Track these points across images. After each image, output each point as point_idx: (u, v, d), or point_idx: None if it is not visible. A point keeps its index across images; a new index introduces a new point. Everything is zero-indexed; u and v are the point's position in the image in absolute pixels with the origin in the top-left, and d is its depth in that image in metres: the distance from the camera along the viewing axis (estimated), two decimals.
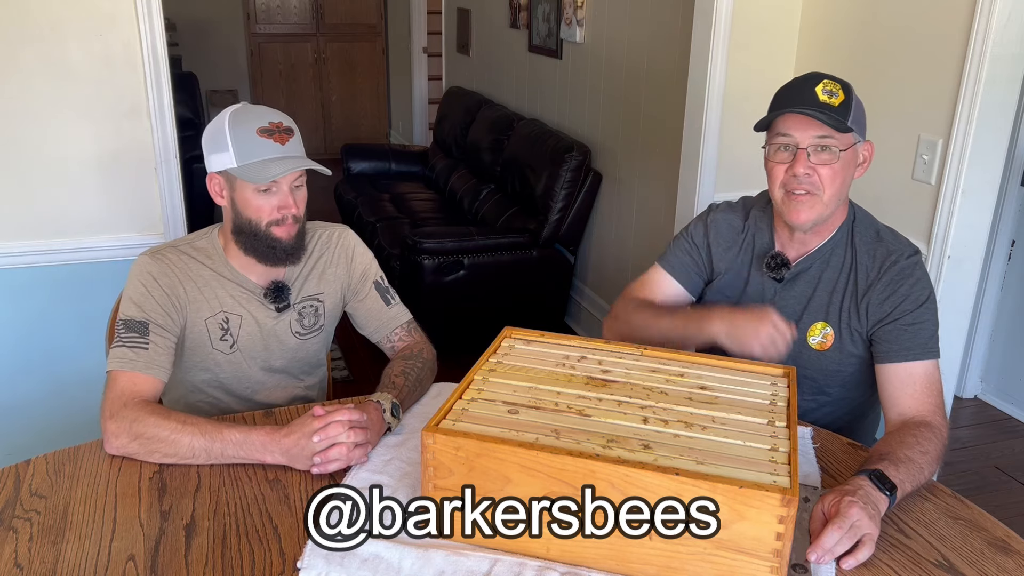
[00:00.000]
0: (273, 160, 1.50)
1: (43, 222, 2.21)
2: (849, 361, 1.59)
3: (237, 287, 1.62)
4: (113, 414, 1.40)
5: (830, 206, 1.52)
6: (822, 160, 1.48)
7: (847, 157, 1.49)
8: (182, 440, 1.36)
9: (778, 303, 1.62)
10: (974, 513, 1.32)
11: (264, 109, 1.55)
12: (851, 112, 1.47)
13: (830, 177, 1.49)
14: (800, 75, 1.55)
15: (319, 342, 1.74)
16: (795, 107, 1.48)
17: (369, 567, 1.14)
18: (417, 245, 3.49)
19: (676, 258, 1.73)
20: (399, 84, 7.24)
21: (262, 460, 1.37)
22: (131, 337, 1.49)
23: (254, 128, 1.50)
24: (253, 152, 1.50)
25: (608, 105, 3.63)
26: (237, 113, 1.53)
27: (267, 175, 1.49)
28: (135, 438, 1.38)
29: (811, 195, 1.50)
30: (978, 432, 3.31)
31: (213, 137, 1.53)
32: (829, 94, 1.47)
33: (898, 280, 1.52)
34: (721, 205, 1.75)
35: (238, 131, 1.50)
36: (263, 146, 1.50)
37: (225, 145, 1.50)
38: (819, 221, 1.54)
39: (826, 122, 1.45)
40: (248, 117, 1.52)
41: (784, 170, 1.51)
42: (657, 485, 1.08)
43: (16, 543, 1.19)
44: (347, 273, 1.72)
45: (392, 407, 1.48)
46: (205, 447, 1.37)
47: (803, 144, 1.48)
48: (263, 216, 1.54)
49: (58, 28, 2.09)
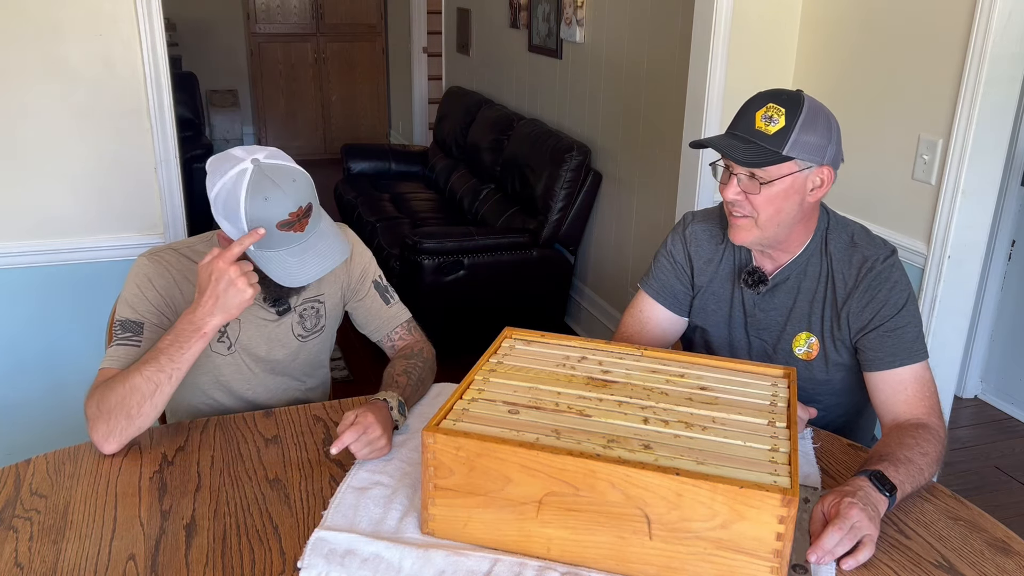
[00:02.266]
0: (295, 255, 1.43)
1: (43, 222, 2.21)
2: (836, 370, 1.59)
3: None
4: (86, 411, 1.43)
5: (767, 229, 1.49)
6: (748, 188, 1.46)
7: (781, 187, 1.44)
8: (135, 380, 1.38)
9: (760, 315, 1.61)
10: (974, 514, 1.32)
11: (284, 185, 1.39)
12: (789, 138, 1.40)
13: (762, 203, 1.46)
14: (756, 94, 1.48)
15: (321, 343, 1.74)
16: (729, 133, 1.45)
17: (369, 567, 1.14)
18: (417, 245, 3.49)
19: (659, 282, 1.70)
20: (399, 84, 7.24)
21: (205, 333, 1.39)
22: (127, 337, 1.50)
23: (274, 223, 1.39)
24: (271, 245, 1.42)
25: (608, 105, 3.63)
26: (255, 194, 1.38)
27: (292, 280, 1.43)
28: (105, 416, 1.39)
29: (747, 218, 1.49)
30: (978, 432, 3.32)
31: (225, 207, 1.41)
32: (767, 120, 1.42)
33: (876, 286, 1.50)
34: (697, 215, 1.72)
35: (256, 222, 1.39)
36: (282, 239, 1.41)
37: (240, 226, 1.40)
38: (761, 243, 1.53)
39: (737, 160, 1.42)
40: (267, 206, 1.38)
41: (722, 191, 1.50)
42: (657, 485, 1.08)
43: (16, 542, 1.19)
44: (347, 273, 1.72)
45: (399, 405, 1.49)
46: (156, 370, 1.38)
47: (735, 170, 1.46)
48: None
49: (58, 28, 2.09)
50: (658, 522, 1.10)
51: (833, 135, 1.46)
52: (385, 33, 7.40)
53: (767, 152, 1.41)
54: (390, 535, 1.21)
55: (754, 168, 1.43)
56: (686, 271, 1.69)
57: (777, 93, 1.45)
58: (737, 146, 1.43)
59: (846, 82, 2.41)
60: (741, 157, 1.42)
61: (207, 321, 1.39)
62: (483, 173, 4.44)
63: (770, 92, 1.46)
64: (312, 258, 1.44)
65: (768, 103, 1.43)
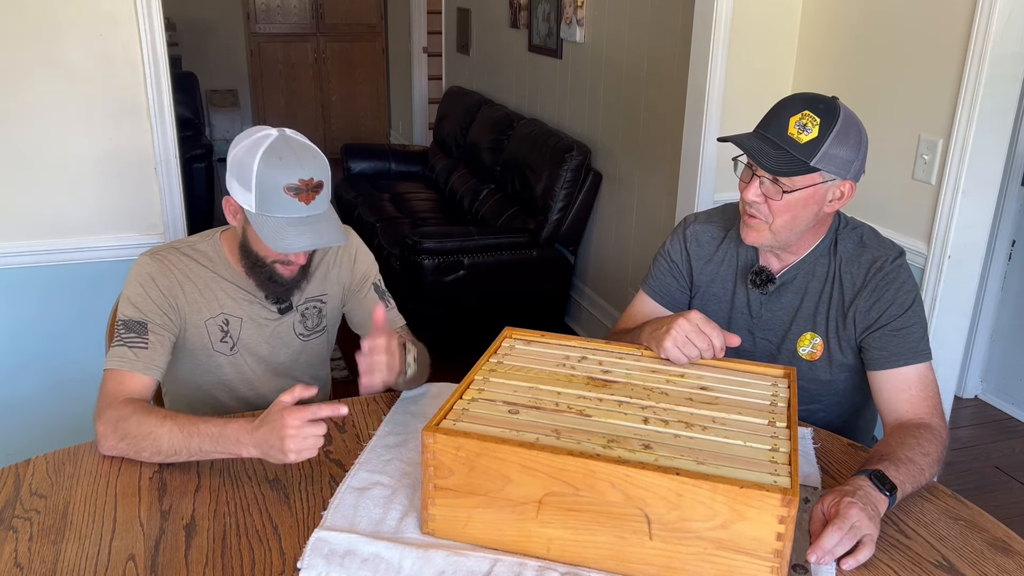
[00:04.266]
0: (292, 224, 1.44)
1: (43, 222, 2.21)
2: (840, 370, 1.59)
3: (238, 289, 1.61)
4: (100, 415, 1.41)
5: (779, 235, 1.49)
6: (769, 192, 1.45)
7: (801, 196, 1.44)
8: (161, 436, 1.35)
9: (765, 315, 1.61)
10: (974, 513, 1.32)
11: (302, 155, 1.43)
12: (820, 150, 1.39)
13: (779, 209, 1.46)
14: (800, 94, 1.48)
15: (322, 343, 1.74)
16: (754, 133, 1.44)
17: (369, 567, 1.14)
18: (417, 245, 3.49)
19: (658, 281, 1.72)
20: (399, 84, 7.24)
21: (238, 454, 1.33)
22: (130, 337, 1.49)
23: (282, 184, 1.41)
24: (274, 207, 1.42)
25: (608, 105, 3.63)
26: (271, 153, 1.41)
27: (282, 245, 1.43)
28: (122, 438, 1.38)
29: (760, 220, 1.49)
30: (978, 432, 3.32)
31: (240, 166, 1.44)
32: (801, 128, 1.40)
33: (883, 286, 1.50)
34: (699, 216, 1.72)
35: (265, 179, 1.41)
36: (286, 204, 1.42)
37: (248, 183, 1.43)
38: (771, 245, 1.53)
39: (765, 167, 1.41)
40: (280, 166, 1.41)
41: (742, 189, 1.50)
42: (658, 485, 1.08)
43: (16, 543, 1.19)
44: (349, 274, 1.72)
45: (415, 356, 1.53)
46: (184, 443, 1.34)
47: (759, 171, 1.45)
48: (270, 256, 1.52)
49: (58, 28, 2.09)
50: (658, 522, 1.10)
51: (862, 150, 1.45)
52: (385, 33, 7.40)
53: (795, 161, 1.40)
54: (390, 535, 1.20)
55: (780, 176, 1.42)
56: (683, 270, 1.69)
57: (814, 100, 1.43)
58: (767, 151, 1.42)
59: (846, 82, 2.41)
60: (769, 164, 1.41)
61: (247, 448, 1.32)
62: (483, 173, 4.44)
63: (807, 97, 1.44)
64: (309, 232, 1.44)
65: (804, 109, 1.41)
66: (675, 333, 1.43)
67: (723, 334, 1.44)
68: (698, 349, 1.43)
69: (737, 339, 1.46)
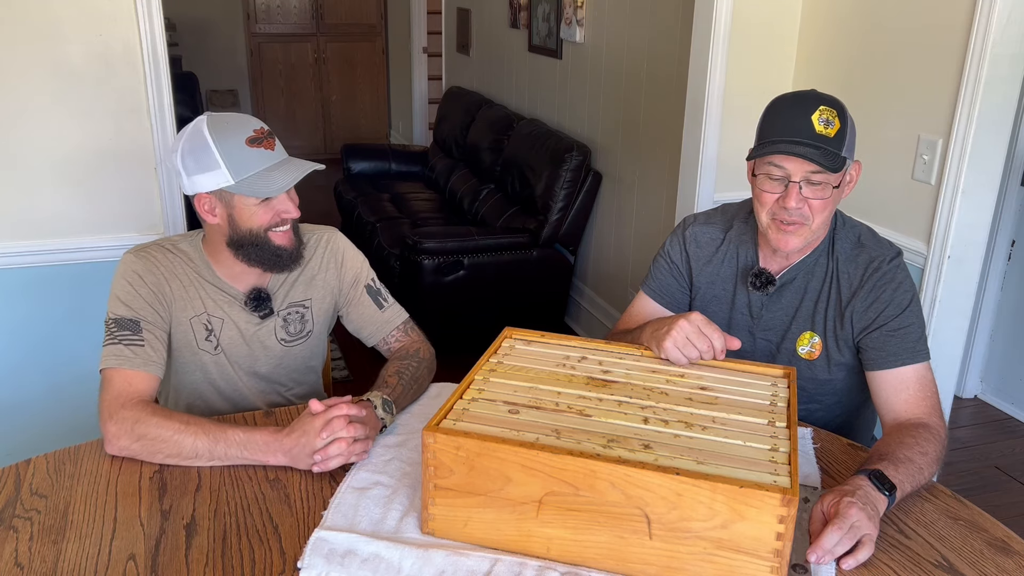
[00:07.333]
0: (271, 169, 1.49)
1: (43, 222, 2.21)
2: (838, 369, 1.59)
3: (219, 292, 1.61)
4: (112, 415, 1.40)
5: (818, 232, 1.52)
6: (814, 193, 1.46)
7: (843, 188, 1.49)
8: (185, 441, 1.36)
9: (765, 316, 1.62)
10: (974, 513, 1.32)
11: (237, 116, 1.51)
12: (846, 141, 1.44)
13: (820, 207, 1.47)
14: (794, 94, 1.49)
15: (307, 349, 1.71)
16: (790, 140, 1.43)
17: (369, 567, 1.14)
18: (417, 245, 3.49)
19: (658, 282, 1.72)
20: (399, 84, 7.24)
21: (264, 461, 1.37)
22: (124, 335, 1.48)
23: (242, 140, 1.46)
24: (248, 165, 1.46)
25: (608, 105, 3.63)
26: (214, 125, 1.47)
27: (273, 187, 1.47)
28: (137, 439, 1.38)
29: (802, 225, 1.49)
30: (978, 432, 3.32)
31: (196, 156, 1.47)
32: (826, 123, 1.42)
33: (881, 286, 1.51)
34: (698, 217, 1.72)
35: (226, 145, 1.45)
36: (257, 157, 1.47)
37: (214, 163, 1.46)
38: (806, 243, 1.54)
39: (822, 164, 1.41)
40: (229, 128, 1.47)
41: (774, 200, 1.49)
42: (657, 485, 1.08)
43: (16, 542, 1.19)
44: (338, 279, 1.70)
45: (383, 403, 1.46)
46: (208, 448, 1.36)
47: (795, 177, 1.45)
48: (263, 224, 1.52)
49: (58, 28, 2.09)
50: (658, 522, 1.10)
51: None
52: (385, 33, 7.40)
53: (836, 156, 1.43)
54: (390, 535, 1.21)
55: (833, 173, 1.43)
56: (683, 271, 1.70)
57: (821, 96, 1.46)
58: (815, 155, 1.41)
59: (846, 82, 2.41)
60: (828, 164, 1.41)
61: (276, 455, 1.36)
62: (483, 173, 4.44)
63: (814, 96, 1.47)
64: (289, 169, 1.51)
65: (820, 106, 1.44)
66: (675, 334, 1.44)
67: (724, 336, 1.44)
68: (698, 351, 1.43)
69: (737, 342, 1.46)
